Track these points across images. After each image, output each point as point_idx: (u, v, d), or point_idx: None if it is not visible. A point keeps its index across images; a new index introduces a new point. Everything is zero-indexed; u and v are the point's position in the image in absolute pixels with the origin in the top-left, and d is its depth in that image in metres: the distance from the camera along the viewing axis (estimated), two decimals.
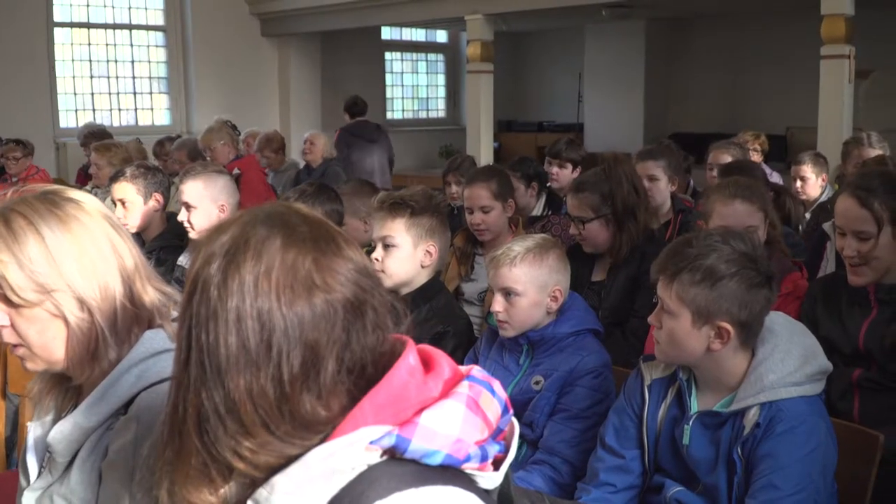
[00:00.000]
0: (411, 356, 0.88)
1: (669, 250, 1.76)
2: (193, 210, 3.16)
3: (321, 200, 3.05)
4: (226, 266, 0.82)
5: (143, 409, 1.11)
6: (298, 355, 0.81)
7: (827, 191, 4.51)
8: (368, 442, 0.80)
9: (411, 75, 11.08)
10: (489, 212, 3.25)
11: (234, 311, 0.81)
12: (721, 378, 1.74)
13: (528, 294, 2.13)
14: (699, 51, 9.98)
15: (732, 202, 2.58)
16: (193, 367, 0.81)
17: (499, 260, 2.14)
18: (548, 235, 2.28)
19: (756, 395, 1.67)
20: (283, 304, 0.82)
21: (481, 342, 2.33)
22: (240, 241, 0.84)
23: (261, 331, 0.81)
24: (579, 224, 2.87)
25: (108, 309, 1.15)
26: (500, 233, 3.29)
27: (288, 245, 0.84)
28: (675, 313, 1.70)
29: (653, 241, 2.90)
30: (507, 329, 2.17)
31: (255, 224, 0.86)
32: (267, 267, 0.83)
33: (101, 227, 1.18)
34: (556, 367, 2.14)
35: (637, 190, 2.91)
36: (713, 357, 1.71)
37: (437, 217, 2.45)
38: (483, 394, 0.87)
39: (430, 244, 2.42)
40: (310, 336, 0.82)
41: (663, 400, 1.84)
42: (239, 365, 0.80)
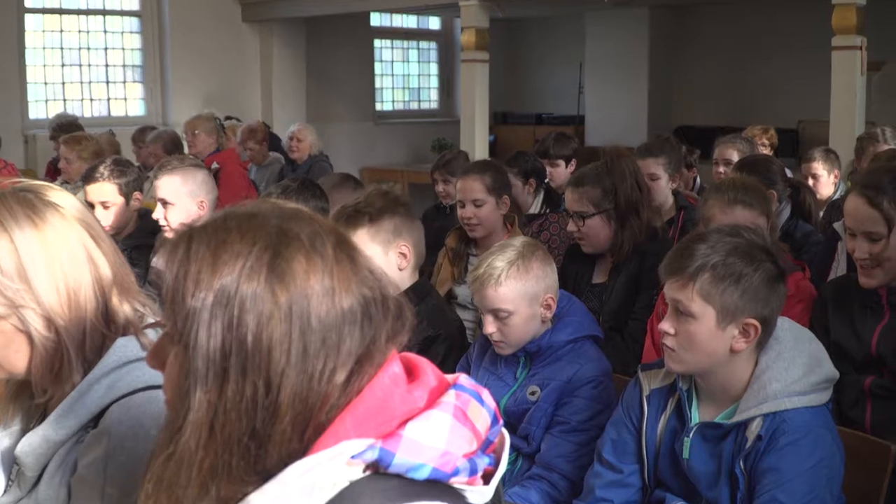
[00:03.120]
0: (395, 365, 0.88)
1: (681, 249, 1.76)
2: (170, 207, 3.15)
3: (305, 197, 3.03)
4: (272, 278, 0.82)
5: (115, 423, 1.11)
6: (335, 361, 0.83)
7: (840, 188, 4.53)
8: (350, 456, 0.80)
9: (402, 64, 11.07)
10: (481, 206, 3.25)
11: (290, 321, 0.82)
12: (727, 387, 1.74)
13: (520, 311, 2.13)
14: (706, 40, 10.00)
15: (732, 209, 2.59)
16: (236, 385, 0.81)
17: (482, 281, 2.13)
18: (527, 238, 2.27)
19: (759, 406, 1.67)
20: (333, 308, 0.83)
21: (474, 349, 2.34)
22: (280, 248, 0.83)
23: (320, 339, 0.82)
24: (579, 220, 2.87)
25: (76, 330, 1.15)
26: (494, 230, 3.29)
27: (326, 249, 0.85)
28: (697, 315, 1.69)
29: (656, 240, 2.91)
30: (504, 347, 2.18)
31: (286, 227, 0.85)
32: (319, 270, 0.84)
33: (78, 237, 1.17)
34: (553, 377, 2.14)
35: (640, 186, 2.92)
36: (732, 360, 1.71)
37: (399, 212, 2.41)
38: (471, 403, 0.87)
39: (400, 244, 2.39)
40: (346, 343, 0.84)
41: (663, 411, 1.85)
42: (293, 372, 0.81)
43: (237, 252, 0.83)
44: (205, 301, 0.82)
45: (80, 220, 1.19)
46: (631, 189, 2.87)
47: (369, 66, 10.35)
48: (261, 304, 0.82)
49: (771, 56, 9.36)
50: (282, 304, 0.82)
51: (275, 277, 0.83)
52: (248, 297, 0.82)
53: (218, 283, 0.82)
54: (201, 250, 0.84)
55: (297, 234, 0.85)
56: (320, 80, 9.38)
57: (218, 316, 0.82)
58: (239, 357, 0.81)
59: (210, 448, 0.81)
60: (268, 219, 0.86)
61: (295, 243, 0.85)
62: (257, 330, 0.81)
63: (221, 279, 0.82)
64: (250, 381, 0.81)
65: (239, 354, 0.81)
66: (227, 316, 0.81)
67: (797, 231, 3.49)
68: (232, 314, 0.82)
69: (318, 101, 9.34)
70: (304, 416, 0.82)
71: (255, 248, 0.83)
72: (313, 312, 0.83)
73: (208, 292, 0.82)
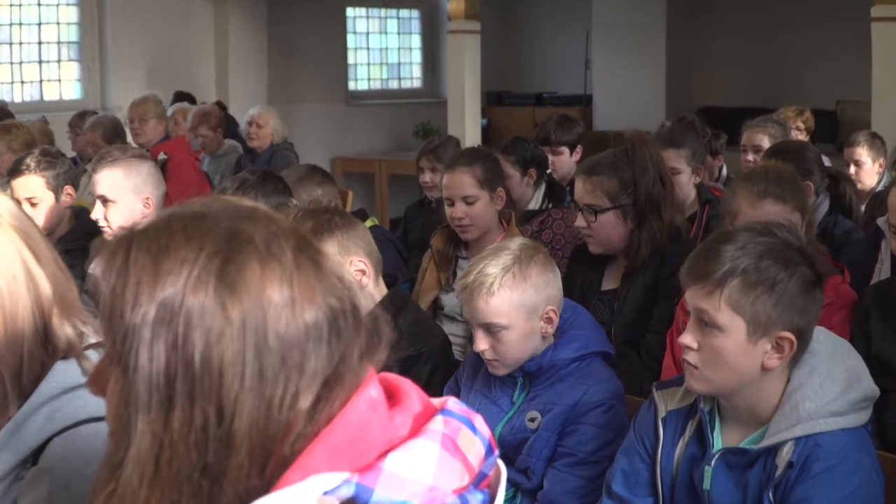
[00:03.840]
0: (373, 388, 0.88)
1: (705, 251, 1.76)
2: (111, 205, 3.14)
3: (266, 192, 3.03)
4: (222, 289, 0.82)
5: (57, 460, 1.11)
6: (297, 384, 0.83)
7: (885, 178, 4.56)
8: (322, 492, 0.80)
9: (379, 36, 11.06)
10: (473, 203, 3.24)
11: (243, 339, 0.82)
12: (756, 408, 1.76)
13: (516, 325, 2.12)
14: (731, 7, 10.03)
15: (762, 203, 2.60)
16: (183, 413, 0.81)
17: (472, 291, 2.11)
18: (525, 239, 2.26)
19: (791, 429, 1.69)
20: (294, 322, 0.83)
21: (464, 368, 2.33)
22: (230, 254, 0.84)
23: (279, 358, 0.82)
24: (589, 214, 2.86)
25: (12, 358, 1.14)
26: (488, 230, 3.30)
27: (282, 253, 0.85)
28: (725, 327, 1.69)
29: (677, 241, 2.92)
30: (499, 367, 2.18)
31: (238, 228, 0.85)
32: (276, 278, 0.84)
33: (15, 250, 1.17)
34: (555, 401, 2.13)
35: (664, 180, 2.92)
36: (762, 378, 1.72)
37: (336, 225, 2.37)
38: (462, 431, 0.88)
39: (353, 261, 2.37)
40: (309, 361, 0.84)
41: (681, 436, 1.85)
42: (248, 397, 0.82)
43: (182, 259, 0.83)
44: (145, 317, 0.82)
45: (16, 227, 1.19)
46: (653, 183, 2.87)
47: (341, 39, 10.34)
48: (209, 320, 0.82)
49: (804, 27, 9.40)
50: (233, 318, 0.82)
51: (225, 288, 0.82)
52: (195, 312, 0.82)
53: (160, 296, 0.82)
54: (141, 258, 0.84)
55: (251, 237, 0.85)
56: (284, 55, 9.35)
57: (160, 334, 0.82)
58: (185, 381, 0.81)
59: (155, 485, 0.81)
60: (218, 219, 0.86)
61: (248, 247, 0.85)
62: (206, 349, 0.81)
63: (164, 291, 0.82)
64: (199, 408, 0.81)
65: (185, 378, 0.81)
66: (170, 334, 0.82)
67: (836, 228, 3.52)
68: (176, 331, 0.81)
69: (281, 80, 9.31)
70: (264, 448, 0.82)
71: (202, 255, 0.83)
72: (270, 328, 0.83)
73: (149, 307, 0.82)
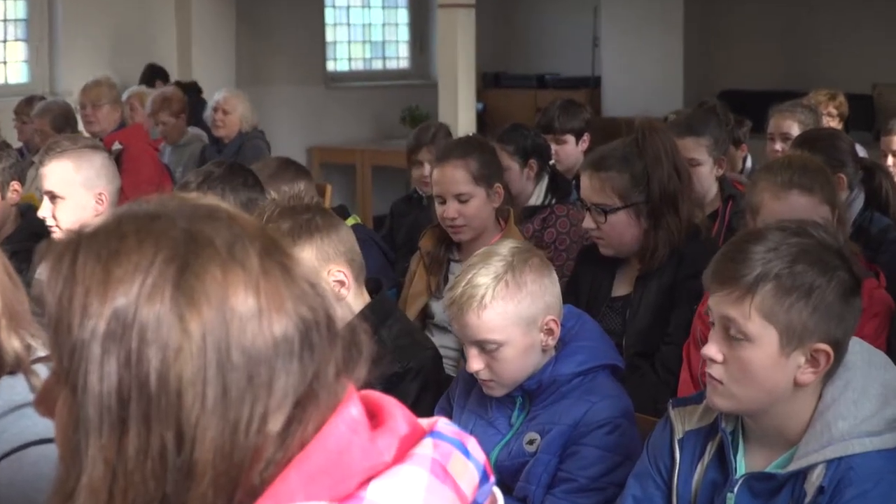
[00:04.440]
0: (353, 407, 0.88)
1: (733, 252, 1.77)
2: (60, 202, 3.14)
3: (234, 187, 3.02)
4: (179, 299, 0.82)
5: (4, 485, 1.12)
6: (265, 405, 0.83)
7: None
8: None
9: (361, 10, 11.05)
10: (468, 201, 3.24)
11: (204, 355, 0.82)
12: (784, 428, 1.77)
13: (513, 340, 2.11)
14: None
15: (787, 194, 2.61)
16: (138, 438, 0.81)
17: (461, 305, 2.10)
18: (515, 242, 2.26)
19: (822, 450, 1.70)
20: (261, 335, 0.84)
21: (457, 386, 2.33)
22: (188, 259, 0.84)
23: (244, 376, 0.83)
24: (599, 215, 2.87)
25: None
26: (484, 231, 3.30)
27: (246, 257, 0.86)
28: (755, 338, 1.70)
29: (696, 240, 2.92)
30: (495, 387, 2.18)
31: (196, 230, 0.86)
32: (240, 285, 0.84)
33: None
34: (555, 420, 2.14)
35: (679, 171, 2.92)
36: (794, 394, 1.74)
37: (317, 227, 2.36)
38: (453, 456, 0.88)
39: (332, 269, 2.36)
40: (280, 380, 0.84)
41: (699, 459, 1.86)
42: (211, 420, 0.82)
43: (134, 265, 0.83)
44: (95, 331, 0.82)
45: None
46: (668, 177, 2.87)
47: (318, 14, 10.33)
48: (166, 334, 0.82)
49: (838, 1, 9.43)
50: (192, 332, 0.82)
51: (182, 297, 0.83)
52: (150, 325, 0.82)
53: (110, 308, 0.82)
54: (90, 264, 0.84)
55: (211, 240, 0.85)
56: (254, 31, 9.34)
57: (112, 350, 0.82)
58: (140, 403, 0.81)
59: None
60: (174, 220, 0.86)
61: (207, 251, 0.85)
62: (162, 367, 0.81)
63: (115, 302, 0.82)
64: (156, 433, 0.81)
65: (140, 399, 0.81)
66: (123, 350, 0.81)
67: (872, 226, 3.52)
68: (129, 347, 0.81)
69: (251, 60, 9.29)
70: (230, 477, 0.83)
71: (156, 260, 0.83)
72: (234, 341, 0.83)
73: (99, 319, 0.82)
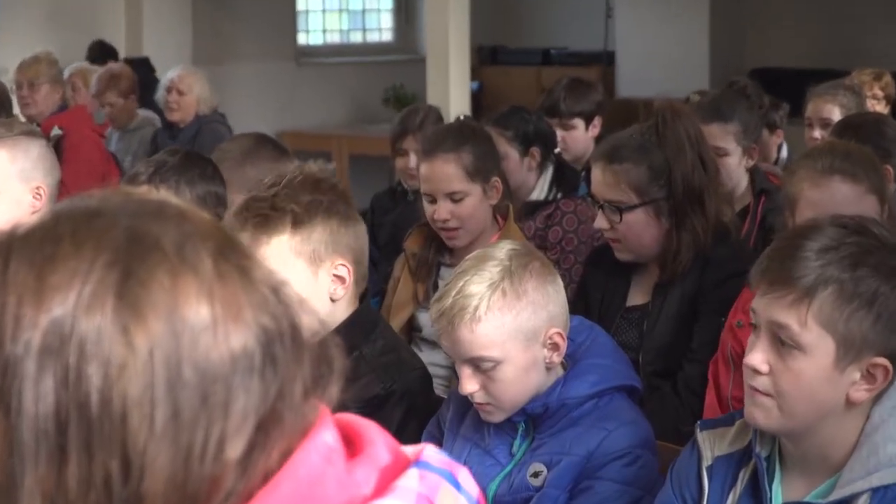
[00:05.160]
0: (326, 432, 0.88)
1: (787, 250, 1.78)
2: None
3: (190, 179, 3.04)
4: (123, 309, 0.83)
5: None
6: (222, 428, 0.84)
7: None
8: None
9: None
10: (462, 200, 3.24)
11: (151, 372, 0.82)
12: (829, 451, 1.79)
13: (512, 357, 2.11)
14: None
15: (828, 181, 2.63)
16: (79, 468, 0.81)
17: (451, 318, 2.10)
18: (513, 244, 2.25)
19: (868, 477, 1.71)
20: (216, 348, 0.84)
21: (448, 409, 2.34)
22: (132, 263, 0.84)
23: (198, 395, 0.83)
24: (612, 213, 2.88)
25: None
26: (481, 232, 3.30)
27: (196, 262, 0.86)
28: (809, 348, 1.72)
29: (724, 242, 2.93)
30: (493, 412, 2.18)
31: (142, 230, 0.86)
32: (192, 293, 0.84)
33: None
34: (565, 450, 2.14)
35: (705, 162, 2.93)
36: (844, 414, 1.75)
37: (338, 211, 2.41)
38: (442, 488, 0.88)
39: (336, 262, 2.39)
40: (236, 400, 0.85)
41: (731, 488, 1.87)
42: (161, 446, 0.82)
43: (71, 272, 0.83)
44: (29, 346, 0.82)
45: None
46: (693, 168, 2.88)
47: None
48: (108, 348, 0.82)
49: None
50: (138, 346, 0.82)
51: (126, 307, 0.83)
52: (90, 339, 0.82)
53: (46, 320, 0.82)
54: (22, 271, 0.84)
55: (157, 241, 0.86)
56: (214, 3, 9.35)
57: (48, 367, 0.82)
58: (81, 427, 0.81)
59: None
60: (115, 219, 0.87)
61: (154, 255, 0.85)
62: (104, 386, 0.81)
63: (51, 313, 0.82)
64: (99, 461, 0.81)
65: (80, 423, 0.81)
66: (60, 366, 0.82)
67: None
68: (67, 364, 0.81)
69: (210, 33, 9.30)
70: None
71: (96, 265, 0.83)
72: (186, 357, 0.83)
73: (33, 332, 0.82)
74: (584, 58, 10.59)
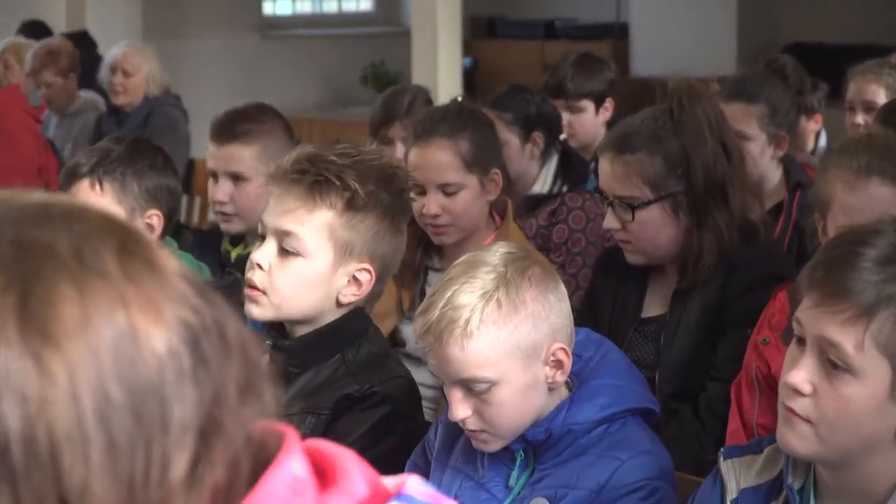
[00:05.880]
0: (293, 461, 0.89)
1: (843, 259, 1.79)
2: None
3: (139, 170, 3.05)
4: (30, 335, 0.82)
5: None
6: (163, 446, 0.84)
7: None
8: None
9: None
10: (455, 193, 3.24)
11: (77, 401, 0.82)
12: (869, 483, 1.80)
13: (509, 378, 2.11)
14: None
15: (865, 184, 2.61)
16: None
17: (438, 332, 2.08)
18: (511, 246, 2.26)
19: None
20: (140, 357, 0.84)
21: (435, 435, 2.34)
22: (27, 281, 0.83)
23: (131, 416, 0.83)
24: (624, 211, 2.89)
25: None
26: (475, 230, 3.31)
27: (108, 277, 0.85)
28: (863, 372, 1.73)
29: (752, 243, 2.94)
30: (488, 441, 2.17)
31: (29, 238, 0.85)
32: (102, 300, 0.84)
33: None
34: (572, 483, 2.14)
35: (729, 150, 2.94)
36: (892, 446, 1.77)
37: (391, 216, 2.46)
38: None
39: (363, 263, 2.42)
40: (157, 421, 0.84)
41: None
42: (101, 481, 0.82)
43: None
44: None
45: None
46: (714, 158, 2.88)
47: None
48: (21, 383, 0.81)
49: None
50: (56, 374, 0.81)
51: (32, 332, 0.82)
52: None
53: None
54: None
55: (51, 248, 0.85)
56: None
57: None
58: (4, 472, 0.81)
59: None
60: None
61: (50, 265, 0.84)
62: (25, 425, 0.81)
63: None
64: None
65: (3, 468, 0.81)
66: None
67: None
68: None
69: (163, 3, 9.30)
70: None
71: None
72: (110, 375, 0.83)
73: None
74: (593, 31, 10.62)
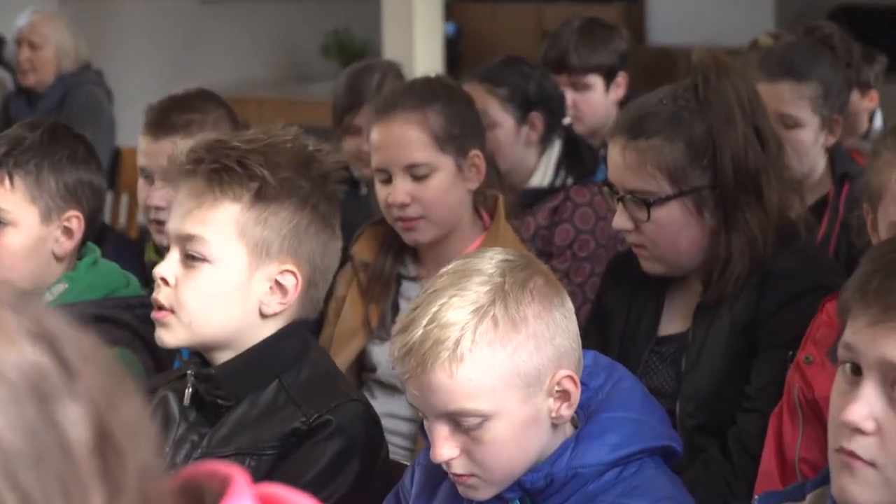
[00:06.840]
0: None
1: None
2: None
3: (56, 163, 3.06)
4: None
5: None
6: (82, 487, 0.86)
7: None
8: None
9: None
10: (426, 177, 3.27)
11: None
12: None
13: (506, 412, 2.10)
14: None
15: None
16: None
17: (420, 356, 2.07)
18: (509, 252, 2.25)
19: None
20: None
21: (411, 478, 2.34)
22: None
23: (31, 460, 0.86)
24: (638, 208, 2.90)
25: None
26: (455, 227, 3.34)
27: None
28: None
29: (791, 247, 2.95)
30: (477, 487, 2.17)
31: None
32: None
33: None
34: None
35: (763, 136, 2.96)
36: None
37: (314, 206, 2.48)
38: None
39: (285, 265, 2.45)
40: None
41: None
42: None
43: None
44: None
45: None
46: (746, 144, 2.90)
47: None
48: None
49: None
50: None
51: None
52: None
53: None
54: None
55: None
56: None
57: None
58: None
59: None
60: None
61: None
62: None
63: None
64: None
65: None
66: None
67: None
68: None
69: None
70: None
71: None
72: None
73: None
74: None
